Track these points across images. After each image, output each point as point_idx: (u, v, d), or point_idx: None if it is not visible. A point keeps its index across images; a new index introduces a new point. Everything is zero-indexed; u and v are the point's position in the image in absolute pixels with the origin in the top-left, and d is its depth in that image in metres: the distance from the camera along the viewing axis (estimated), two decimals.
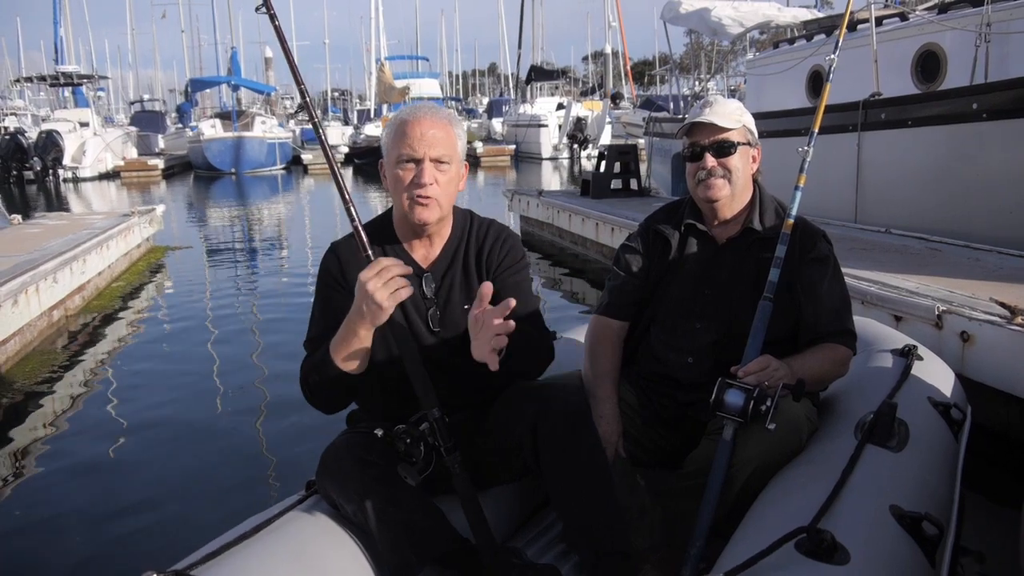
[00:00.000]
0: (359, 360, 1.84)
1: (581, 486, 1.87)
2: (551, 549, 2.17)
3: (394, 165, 1.95)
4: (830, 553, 1.51)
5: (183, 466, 3.97)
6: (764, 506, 1.85)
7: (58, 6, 34.62)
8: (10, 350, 5.66)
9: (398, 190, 1.95)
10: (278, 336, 6.44)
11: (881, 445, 1.97)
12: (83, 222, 9.64)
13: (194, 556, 1.64)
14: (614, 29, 27.85)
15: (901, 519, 1.71)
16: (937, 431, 2.23)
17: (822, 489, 1.74)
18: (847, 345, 2.22)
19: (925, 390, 2.41)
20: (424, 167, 1.91)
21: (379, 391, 2.01)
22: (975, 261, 5.19)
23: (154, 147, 34.11)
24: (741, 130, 2.25)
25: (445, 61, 62.09)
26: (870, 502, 1.75)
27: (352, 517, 1.84)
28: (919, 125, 6.54)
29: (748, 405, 1.92)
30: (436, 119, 1.95)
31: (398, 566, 1.79)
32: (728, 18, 10.91)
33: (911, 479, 1.92)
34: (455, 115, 2.06)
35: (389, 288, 1.73)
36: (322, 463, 1.90)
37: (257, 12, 1.91)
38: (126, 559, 3.09)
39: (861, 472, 1.84)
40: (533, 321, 2.06)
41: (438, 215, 1.97)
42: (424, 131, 1.92)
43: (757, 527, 1.74)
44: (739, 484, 1.97)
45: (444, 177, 1.94)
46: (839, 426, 2.13)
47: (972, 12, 6.90)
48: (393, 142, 1.95)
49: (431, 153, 1.91)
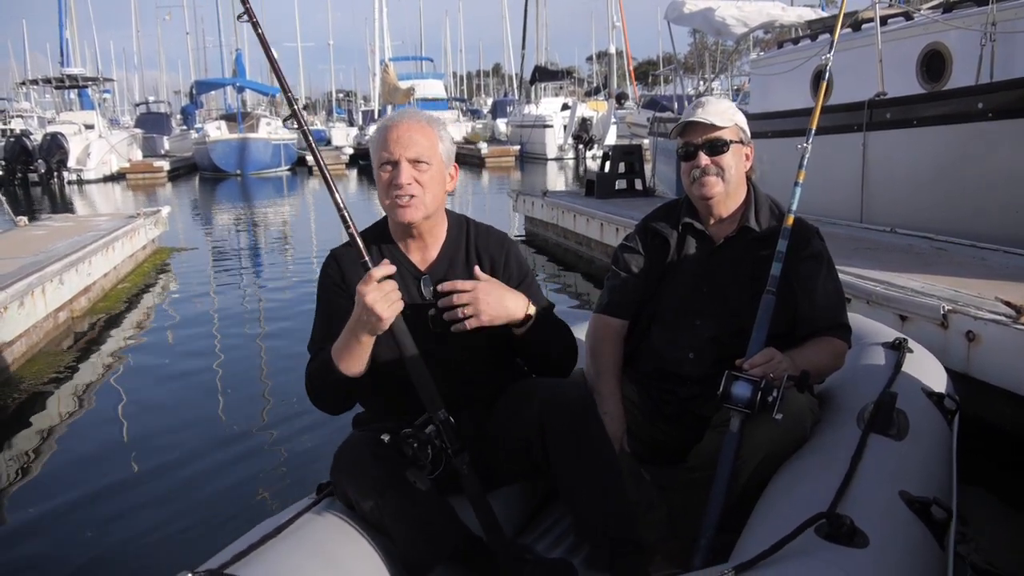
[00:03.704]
0: (361, 365, 1.87)
1: (592, 479, 1.89)
2: (559, 545, 2.20)
3: (377, 168, 2.00)
4: (850, 537, 1.56)
5: (192, 467, 3.97)
6: (775, 495, 1.90)
7: (63, 8, 34.68)
8: (17, 351, 5.68)
9: (382, 192, 2.00)
10: (284, 338, 6.46)
11: (883, 433, 2.02)
12: (89, 224, 9.67)
13: (223, 556, 1.68)
14: (617, 29, 27.82)
15: (911, 504, 1.76)
16: (933, 420, 2.29)
17: (832, 477, 1.79)
18: (842, 338, 2.28)
19: (918, 381, 2.48)
20: (401, 168, 1.94)
21: (383, 393, 2.02)
22: (981, 260, 5.18)
23: (159, 149, 34.20)
24: (733, 128, 2.30)
25: (449, 62, 62.14)
26: (880, 488, 1.79)
27: (368, 515, 1.86)
28: (924, 125, 6.52)
29: (755, 396, 1.96)
30: (414, 122, 1.99)
31: (413, 563, 1.82)
32: (732, 18, 10.88)
33: (915, 466, 1.98)
34: (436, 118, 2.08)
35: (389, 300, 1.77)
36: (337, 461, 1.91)
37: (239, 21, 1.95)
38: (144, 559, 3.12)
39: (868, 460, 1.88)
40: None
41: (422, 213, 1.99)
42: (401, 134, 1.96)
43: (772, 514, 1.78)
44: (746, 475, 2.01)
45: (425, 176, 1.97)
46: (840, 416, 2.18)
47: (977, 11, 6.87)
48: (376, 148, 2.00)
49: (407, 154, 1.95)
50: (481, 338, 2.00)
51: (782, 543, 1.52)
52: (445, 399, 1.87)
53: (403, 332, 1.86)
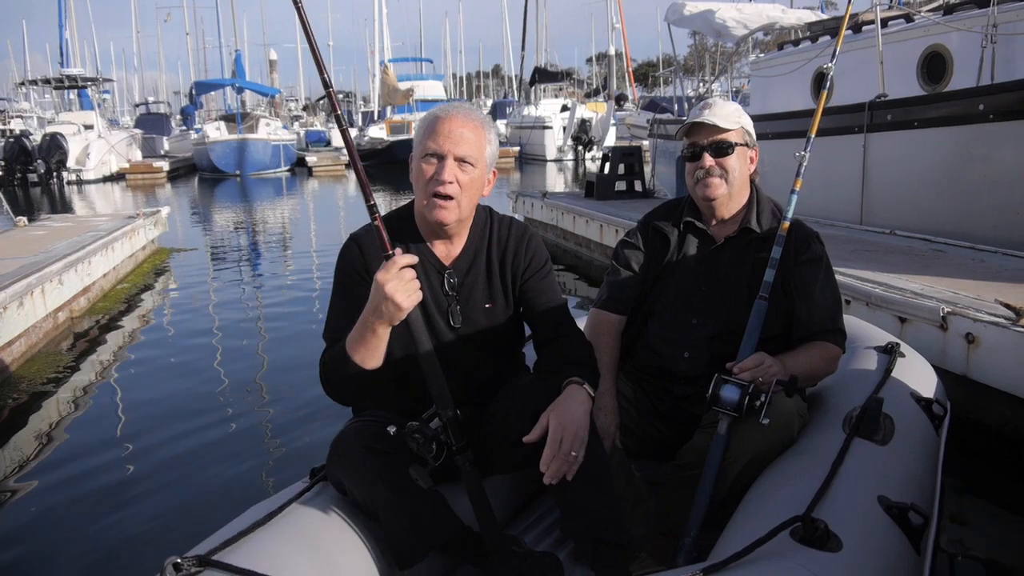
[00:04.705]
0: (376, 357, 1.84)
1: (582, 475, 1.89)
2: (547, 537, 2.23)
3: (419, 158, 1.95)
4: (823, 541, 1.58)
5: (189, 458, 4.03)
6: (758, 496, 1.91)
7: (63, 9, 34.73)
8: (16, 352, 5.67)
9: (419, 185, 1.95)
10: (282, 339, 6.43)
11: (868, 438, 2.05)
12: (88, 224, 9.66)
13: (211, 542, 1.69)
14: (617, 31, 27.85)
15: (889, 509, 1.78)
16: (920, 425, 2.30)
17: (813, 480, 1.81)
18: (837, 344, 2.29)
19: (908, 386, 2.49)
20: (447, 164, 1.90)
21: (394, 384, 2.00)
22: (980, 262, 5.18)
23: (159, 149, 34.19)
24: (739, 131, 2.31)
25: (449, 63, 62.07)
26: (859, 493, 1.82)
27: (361, 503, 1.86)
28: (925, 126, 6.52)
29: (743, 400, 1.99)
30: (468, 118, 1.95)
31: (404, 552, 1.82)
32: (732, 20, 10.88)
33: (897, 471, 2.00)
34: (488, 119, 2.04)
35: (409, 289, 1.74)
36: (332, 451, 1.91)
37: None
38: (140, 547, 3.17)
39: (850, 464, 1.91)
40: (563, 317, 2.10)
41: (456, 217, 1.96)
42: (453, 128, 1.91)
43: (751, 516, 1.80)
44: (732, 476, 2.03)
45: (466, 178, 1.93)
46: (828, 420, 2.20)
47: (978, 13, 6.88)
48: (422, 136, 1.95)
49: (456, 151, 1.90)
50: (496, 336, 2.00)
51: (755, 545, 1.55)
52: (453, 393, 1.86)
53: (418, 325, 1.82)
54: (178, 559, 1.54)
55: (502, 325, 2.07)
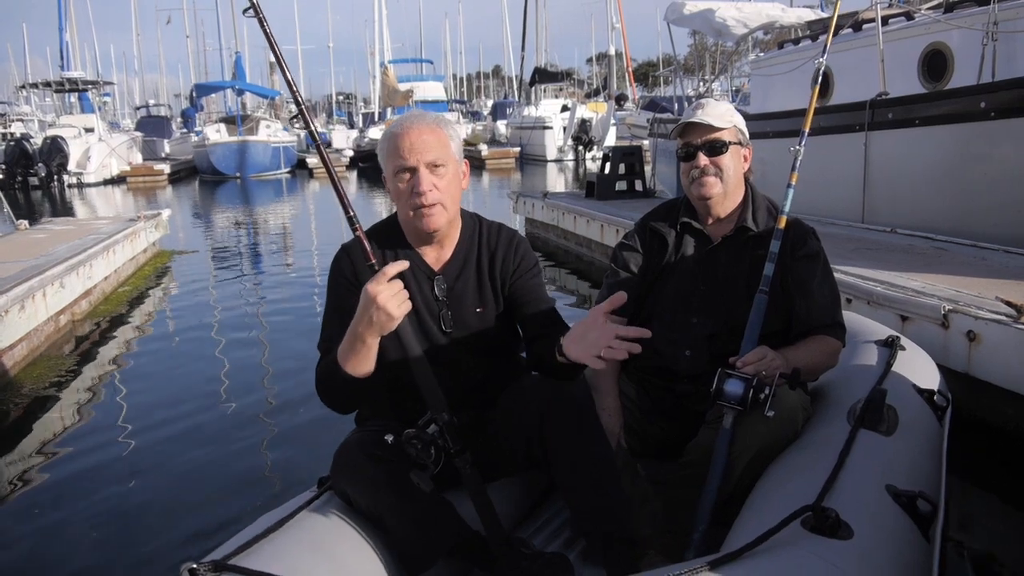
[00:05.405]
0: (368, 366, 1.85)
1: (590, 474, 1.91)
2: (555, 539, 2.23)
3: (392, 177, 1.98)
4: (835, 529, 1.59)
5: (194, 465, 4.01)
6: (766, 489, 1.93)
7: (63, 12, 34.67)
8: (18, 355, 5.67)
9: (401, 201, 1.98)
10: (284, 337, 6.45)
11: (872, 429, 2.06)
12: (89, 227, 9.67)
13: (226, 548, 1.70)
14: (617, 31, 27.82)
15: (897, 497, 1.80)
16: (923, 416, 2.32)
17: (821, 471, 1.82)
18: (837, 337, 2.31)
19: (910, 378, 2.51)
20: (420, 175, 1.93)
21: (388, 391, 2.02)
22: (981, 260, 5.18)
23: (160, 152, 34.23)
24: (732, 130, 2.34)
25: (449, 64, 62.07)
26: (867, 482, 1.83)
27: (366, 512, 1.88)
28: (926, 124, 6.52)
29: (747, 393, 2.01)
30: (423, 125, 1.97)
31: (412, 559, 1.84)
32: (732, 19, 10.88)
33: (903, 460, 2.01)
34: (443, 117, 2.07)
35: (399, 299, 1.75)
36: (336, 461, 1.92)
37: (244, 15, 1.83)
38: (148, 554, 3.14)
39: (856, 455, 1.92)
40: (553, 315, 2.11)
41: (445, 219, 1.99)
42: (413, 140, 1.94)
43: (761, 509, 1.81)
44: (739, 470, 2.05)
45: (443, 181, 1.96)
46: (831, 412, 2.22)
47: (979, 11, 6.87)
48: (388, 156, 1.98)
49: (424, 159, 1.93)
50: (488, 339, 2.01)
51: (768, 535, 1.55)
52: (449, 399, 1.87)
53: (408, 332, 1.85)
54: (194, 564, 1.55)
55: (494, 328, 2.08)
